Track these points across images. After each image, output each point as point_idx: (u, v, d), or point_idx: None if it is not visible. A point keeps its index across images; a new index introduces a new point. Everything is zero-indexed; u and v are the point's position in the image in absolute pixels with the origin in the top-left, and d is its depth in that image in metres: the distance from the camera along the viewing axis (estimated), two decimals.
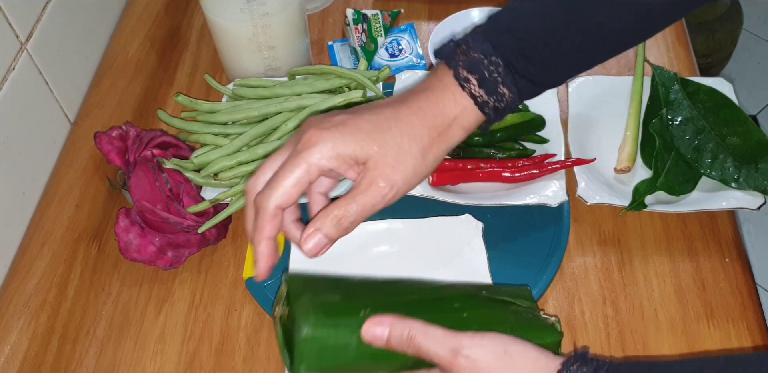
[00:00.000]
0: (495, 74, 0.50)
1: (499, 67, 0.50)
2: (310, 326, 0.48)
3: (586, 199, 0.75)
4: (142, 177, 0.75)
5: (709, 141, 0.77)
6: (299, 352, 0.49)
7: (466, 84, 0.50)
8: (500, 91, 0.51)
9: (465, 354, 0.46)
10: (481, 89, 0.50)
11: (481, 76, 0.50)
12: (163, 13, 1.03)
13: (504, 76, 0.50)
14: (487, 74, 0.50)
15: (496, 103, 0.51)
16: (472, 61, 0.50)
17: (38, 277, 0.76)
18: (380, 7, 1.00)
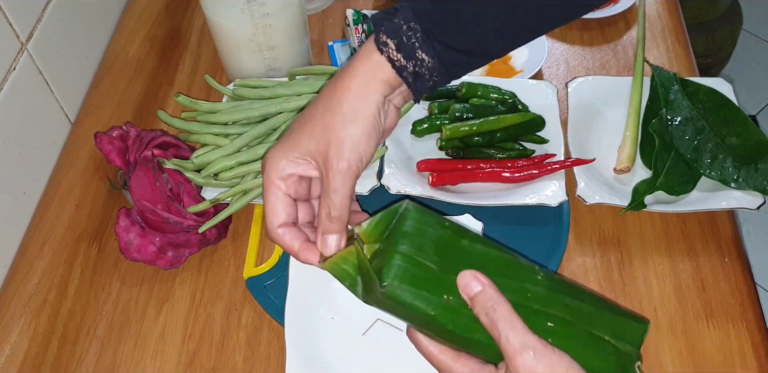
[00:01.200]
0: (413, 39, 0.52)
1: (417, 32, 0.52)
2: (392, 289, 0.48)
3: (585, 199, 0.75)
4: (142, 177, 0.75)
5: (709, 141, 0.77)
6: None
7: (384, 48, 0.52)
8: (418, 56, 0.52)
9: (532, 355, 0.46)
10: (398, 53, 0.52)
11: (399, 41, 0.52)
12: (163, 13, 1.03)
13: (422, 42, 0.52)
14: (405, 39, 0.52)
15: (416, 69, 0.53)
16: (392, 27, 0.53)
17: (39, 277, 0.76)
18: (380, 8, 1.00)
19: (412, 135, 0.82)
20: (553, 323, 0.50)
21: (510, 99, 0.82)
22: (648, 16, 0.98)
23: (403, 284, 0.48)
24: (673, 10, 1.00)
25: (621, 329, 0.52)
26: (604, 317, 0.53)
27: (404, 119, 0.81)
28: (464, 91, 0.82)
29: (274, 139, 0.77)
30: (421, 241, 0.50)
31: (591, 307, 0.52)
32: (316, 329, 0.69)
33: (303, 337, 0.68)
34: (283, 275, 0.72)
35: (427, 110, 0.83)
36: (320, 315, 0.70)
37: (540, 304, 0.50)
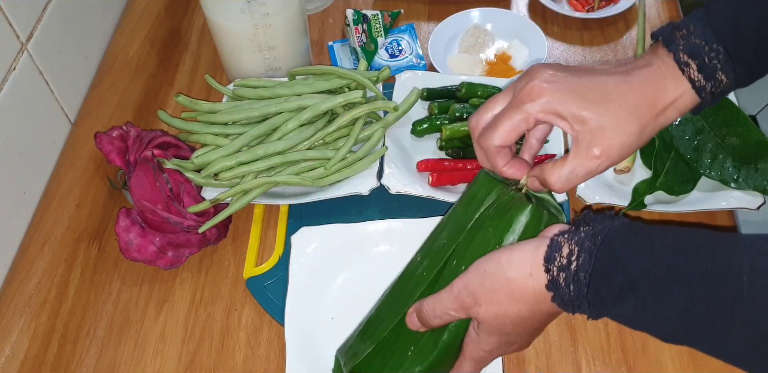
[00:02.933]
0: (715, 61, 0.52)
1: (720, 54, 0.52)
2: None
3: (585, 199, 0.75)
4: (142, 177, 0.75)
5: (709, 141, 0.77)
6: None
7: (686, 68, 0.52)
8: (718, 77, 0.52)
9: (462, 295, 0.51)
10: (699, 74, 0.52)
11: (701, 62, 0.52)
12: (164, 13, 1.03)
13: (724, 64, 0.52)
14: (707, 60, 0.51)
15: (713, 88, 0.52)
16: (692, 46, 0.52)
17: (39, 277, 0.76)
18: (380, 8, 1.00)
19: (412, 135, 0.82)
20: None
21: None
22: (648, 16, 0.98)
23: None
24: (673, 10, 1.00)
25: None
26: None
27: (404, 119, 0.81)
28: (464, 91, 0.82)
29: (274, 140, 0.77)
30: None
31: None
32: (316, 329, 0.69)
33: (303, 337, 0.68)
34: (283, 275, 0.72)
35: (427, 110, 0.83)
36: (320, 315, 0.70)
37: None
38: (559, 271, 0.47)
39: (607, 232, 0.47)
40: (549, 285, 0.48)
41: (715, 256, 0.43)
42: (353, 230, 0.73)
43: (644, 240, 0.46)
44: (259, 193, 0.75)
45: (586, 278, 0.46)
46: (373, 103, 0.78)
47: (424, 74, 0.86)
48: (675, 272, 0.44)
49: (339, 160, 0.76)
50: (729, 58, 0.52)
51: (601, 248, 0.46)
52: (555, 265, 0.47)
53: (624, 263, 0.45)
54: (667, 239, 0.46)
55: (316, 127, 0.78)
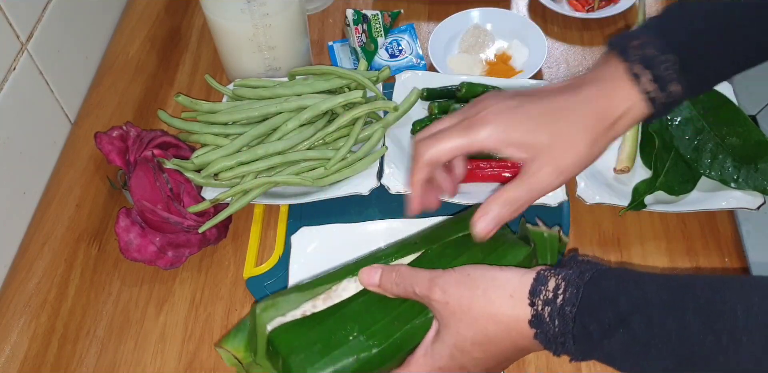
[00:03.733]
0: (669, 71, 0.51)
1: (675, 64, 0.51)
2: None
3: (585, 199, 0.75)
4: (142, 177, 0.75)
5: (709, 141, 0.77)
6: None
7: (638, 79, 0.51)
8: (671, 88, 0.52)
9: (437, 283, 0.50)
10: (654, 85, 0.51)
11: (656, 73, 0.51)
12: (164, 13, 1.03)
13: (678, 74, 0.51)
14: (662, 71, 0.51)
15: (666, 99, 0.52)
16: (646, 57, 0.51)
17: (39, 277, 0.76)
18: (380, 8, 1.00)
19: (412, 135, 0.82)
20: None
21: None
22: (648, 16, 0.98)
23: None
24: None
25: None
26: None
27: (404, 119, 0.81)
28: (464, 91, 0.82)
29: (274, 139, 0.77)
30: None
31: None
32: None
33: None
34: (283, 275, 0.72)
35: (427, 110, 0.83)
36: None
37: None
38: (544, 305, 0.46)
39: (594, 271, 0.47)
40: (532, 321, 0.46)
41: (708, 291, 0.43)
42: (353, 230, 0.73)
43: (633, 278, 0.46)
44: (259, 193, 0.75)
45: (572, 312, 0.45)
46: (373, 103, 0.78)
47: (424, 74, 0.86)
48: (667, 306, 0.43)
49: (339, 160, 0.76)
50: (682, 69, 0.51)
51: (588, 283, 0.46)
52: (540, 298, 0.46)
53: (613, 298, 0.44)
54: (657, 278, 0.45)
55: (316, 127, 0.78)
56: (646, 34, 0.52)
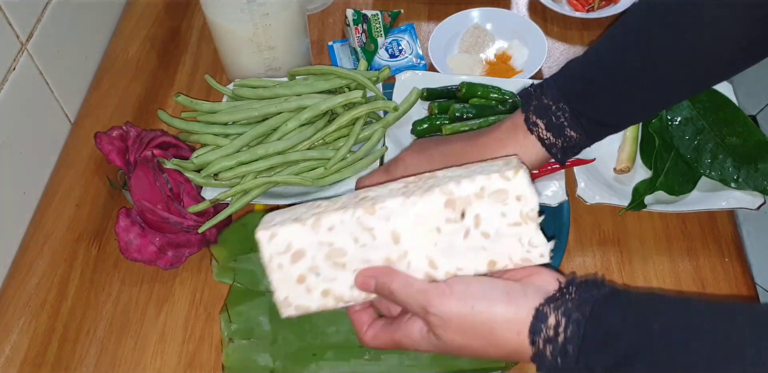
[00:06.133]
0: (562, 119, 0.56)
1: (566, 112, 0.56)
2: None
3: (585, 199, 0.75)
4: (142, 177, 0.75)
5: (709, 141, 0.77)
6: None
7: (534, 128, 0.57)
8: (567, 133, 0.57)
9: (433, 313, 0.48)
10: (548, 132, 0.57)
11: (549, 121, 0.56)
12: (164, 13, 1.03)
13: (570, 121, 0.56)
14: (554, 119, 0.56)
15: (564, 144, 0.57)
16: (541, 107, 0.56)
17: (39, 277, 0.76)
18: (380, 8, 1.00)
19: (412, 135, 0.82)
20: None
21: (510, 99, 0.82)
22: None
23: None
24: None
25: None
26: None
27: (404, 119, 0.81)
28: (464, 91, 0.81)
29: (273, 139, 0.77)
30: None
31: None
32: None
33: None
34: None
35: (427, 110, 0.83)
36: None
37: None
38: (545, 343, 0.45)
39: (595, 301, 0.45)
40: (534, 358, 0.46)
41: (715, 327, 0.42)
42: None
43: (636, 310, 0.45)
44: (259, 193, 0.75)
45: (575, 351, 0.44)
46: (373, 103, 0.78)
47: (424, 74, 0.86)
48: (674, 346, 0.42)
49: (339, 160, 0.76)
50: (575, 115, 0.56)
51: (590, 318, 0.45)
52: (541, 337, 0.45)
53: (617, 335, 0.44)
54: (660, 309, 0.44)
55: (316, 127, 0.78)
56: (546, 84, 0.58)
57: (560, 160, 0.59)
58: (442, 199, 0.50)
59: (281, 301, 0.52)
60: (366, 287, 0.52)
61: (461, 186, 0.50)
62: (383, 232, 0.51)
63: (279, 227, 0.52)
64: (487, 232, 0.50)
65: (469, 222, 0.50)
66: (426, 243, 0.51)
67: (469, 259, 0.50)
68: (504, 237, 0.50)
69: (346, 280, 0.52)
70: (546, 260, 0.50)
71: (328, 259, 0.52)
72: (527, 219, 0.49)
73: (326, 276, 0.52)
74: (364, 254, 0.51)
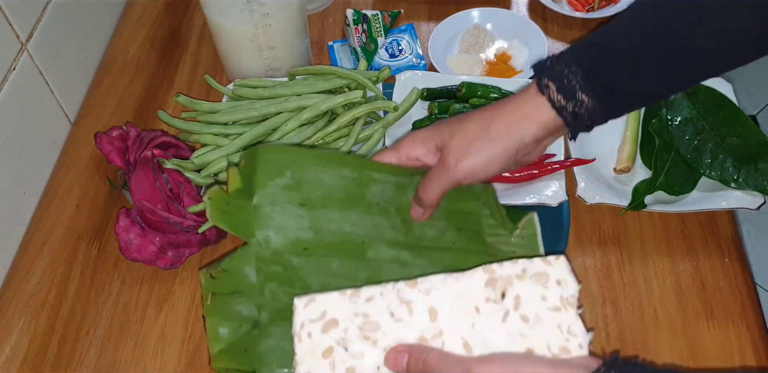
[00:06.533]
0: (573, 81, 0.56)
1: (578, 75, 0.55)
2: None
3: (585, 199, 0.75)
4: (142, 177, 0.75)
5: (709, 141, 0.77)
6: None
7: (545, 90, 0.56)
8: (578, 97, 0.56)
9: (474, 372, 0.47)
10: (559, 94, 0.56)
11: (560, 84, 0.56)
12: (164, 13, 1.03)
13: (582, 84, 0.55)
14: (566, 82, 0.56)
15: (575, 109, 0.56)
16: (554, 71, 0.56)
17: (39, 277, 0.76)
18: (380, 8, 1.00)
19: None
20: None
21: None
22: None
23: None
24: None
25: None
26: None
27: (404, 119, 0.81)
28: (464, 91, 0.82)
29: (274, 140, 0.77)
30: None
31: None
32: None
33: None
34: None
35: (427, 110, 0.83)
36: None
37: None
38: None
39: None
40: None
41: None
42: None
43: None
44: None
45: None
46: (373, 103, 0.78)
47: (424, 74, 0.86)
48: None
49: None
50: (587, 79, 0.55)
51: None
52: None
53: None
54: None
55: (316, 127, 0.78)
56: (563, 52, 0.58)
57: (572, 127, 0.58)
58: (484, 277, 0.51)
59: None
60: (397, 364, 0.49)
61: (503, 266, 0.51)
62: (421, 307, 0.51)
63: (318, 294, 0.52)
64: (527, 315, 0.50)
65: (509, 303, 0.50)
66: (463, 323, 0.50)
67: (506, 345, 0.49)
68: (543, 323, 0.49)
69: (374, 359, 0.50)
70: (585, 353, 0.48)
71: (360, 332, 0.51)
72: (567, 305, 0.49)
73: (354, 352, 0.51)
74: (397, 331, 0.51)
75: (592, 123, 0.58)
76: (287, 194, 0.60)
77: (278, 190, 0.60)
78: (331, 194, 0.61)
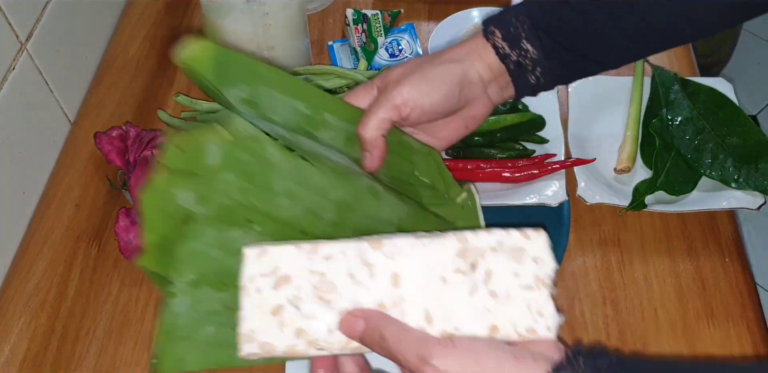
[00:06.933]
0: (519, 30, 0.55)
1: (525, 23, 0.55)
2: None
3: (586, 199, 0.75)
4: (142, 177, 0.75)
5: (709, 141, 0.77)
6: None
7: (490, 36, 0.55)
8: (523, 46, 0.55)
9: (433, 364, 0.42)
10: (504, 42, 0.55)
11: (506, 31, 0.55)
12: (163, 13, 1.03)
13: (528, 33, 0.55)
14: (512, 29, 0.55)
15: (519, 58, 0.55)
16: (502, 19, 0.56)
17: (38, 277, 0.76)
18: (380, 7, 1.00)
19: None
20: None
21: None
22: None
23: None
24: None
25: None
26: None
27: None
28: None
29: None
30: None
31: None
32: None
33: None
34: None
35: None
36: None
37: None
38: None
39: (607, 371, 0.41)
40: None
41: None
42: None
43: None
44: None
45: None
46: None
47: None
48: None
49: None
50: (534, 28, 0.54)
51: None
52: None
53: None
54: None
55: None
56: (514, 5, 0.57)
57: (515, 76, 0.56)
58: (455, 245, 0.46)
59: (245, 333, 0.46)
60: (352, 329, 0.45)
61: (478, 236, 0.46)
62: (384, 271, 0.46)
63: (271, 245, 0.47)
64: (496, 291, 0.46)
65: (479, 276, 0.46)
66: (427, 293, 0.46)
67: (470, 320, 0.45)
68: (512, 300, 0.45)
69: (327, 321, 0.46)
70: (552, 336, 0.45)
71: (315, 291, 0.46)
72: (541, 284, 0.46)
73: (306, 312, 0.46)
74: (355, 294, 0.46)
75: (536, 80, 0.56)
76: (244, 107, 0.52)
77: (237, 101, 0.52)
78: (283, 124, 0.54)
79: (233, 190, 0.50)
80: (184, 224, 0.49)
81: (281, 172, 0.50)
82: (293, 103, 0.54)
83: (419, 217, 0.58)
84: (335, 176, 0.52)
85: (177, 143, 0.48)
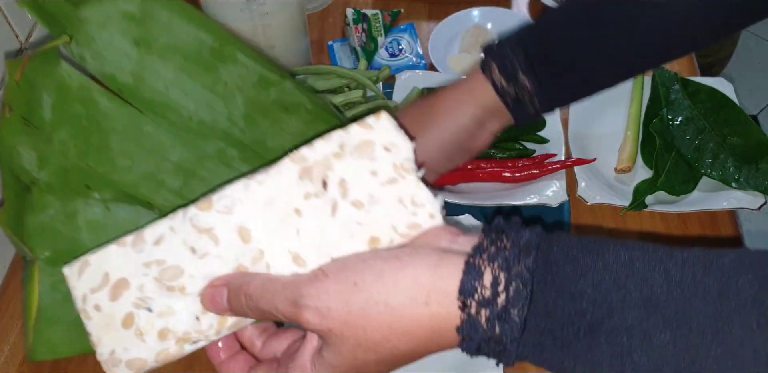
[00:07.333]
0: (515, 62, 0.55)
1: (519, 55, 0.55)
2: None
3: (586, 199, 0.75)
4: None
5: (710, 141, 0.77)
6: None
7: (487, 70, 0.56)
8: (520, 78, 0.55)
9: (307, 305, 0.36)
10: (501, 75, 0.55)
11: (501, 63, 0.55)
12: None
13: (523, 65, 0.55)
14: (508, 62, 0.55)
15: (518, 94, 0.56)
16: (498, 52, 0.56)
17: None
18: (380, 7, 1.00)
19: None
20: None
21: None
22: None
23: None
24: None
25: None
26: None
27: None
28: None
29: None
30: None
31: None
32: None
33: None
34: None
35: None
36: None
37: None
38: (479, 306, 0.34)
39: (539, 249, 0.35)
40: (464, 327, 0.34)
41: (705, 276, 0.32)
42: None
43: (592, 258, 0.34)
44: None
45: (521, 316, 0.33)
46: (373, 103, 0.78)
47: (425, 74, 0.86)
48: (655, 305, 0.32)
49: None
50: (528, 60, 0.55)
51: (537, 271, 0.34)
52: (474, 299, 0.34)
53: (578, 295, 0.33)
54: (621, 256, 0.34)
55: None
56: (509, 36, 0.57)
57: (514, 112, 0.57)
58: (294, 169, 0.39)
59: (106, 359, 0.42)
60: (216, 302, 0.40)
61: (315, 148, 0.39)
62: (227, 230, 0.40)
63: (89, 254, 0.41)
64: (359, 199, 0.39)
65: (333, 192, 0.39)
66: (285, 233, 0.39)
67: (344, 242, 0.39)
68: (380, 202, 0.39)
69: (189, 309, 0.40)
70: (439, 221, 0.39)
71: (159, 284, 0.40)
72: (403, 171, 0.39)
73: (161, 310, 0.40)
74: (206, 267, 0.40)
75: (535, 110, 0.57)
76: (125, 23, 0.46)
77: (116, 14, 0.46)
78: (177, 48, 0.48)
79: (71, 149, 0.45)
80: (27, 191, 0.45)
81: (116, 129, 0.45)
82: (198, 32, 0.49)
83: None
84: (174, 134, 0.47)
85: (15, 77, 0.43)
